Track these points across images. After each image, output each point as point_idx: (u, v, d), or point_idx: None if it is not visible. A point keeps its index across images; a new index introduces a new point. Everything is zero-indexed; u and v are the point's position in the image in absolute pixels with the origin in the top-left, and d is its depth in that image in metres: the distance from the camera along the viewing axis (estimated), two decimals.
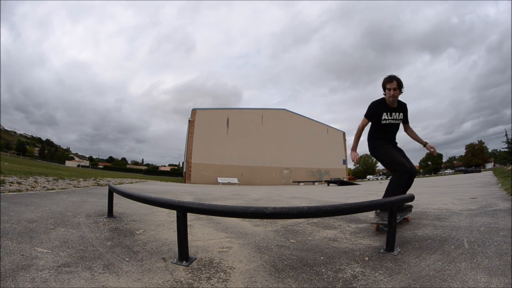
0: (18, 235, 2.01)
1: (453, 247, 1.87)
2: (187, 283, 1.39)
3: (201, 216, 3.22)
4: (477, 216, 2.87)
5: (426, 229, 2.43)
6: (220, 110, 30.25)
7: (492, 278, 1.36)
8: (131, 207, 3.71)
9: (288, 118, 31.81)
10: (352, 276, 1.49)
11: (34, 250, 1.72)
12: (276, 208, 1.59)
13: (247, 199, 6.35)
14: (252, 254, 1.90)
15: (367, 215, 3.33)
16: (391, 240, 1.85)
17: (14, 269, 1.42)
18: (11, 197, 3.82)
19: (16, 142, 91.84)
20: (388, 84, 2.69)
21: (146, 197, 1.99)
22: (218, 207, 1.61)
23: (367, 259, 1.75)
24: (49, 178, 7.95)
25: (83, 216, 2.95)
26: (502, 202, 3.71)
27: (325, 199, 6.40)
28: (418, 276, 1.44)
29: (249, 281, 1.45)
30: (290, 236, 2.39)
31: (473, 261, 1.59)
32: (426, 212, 3.33)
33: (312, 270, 1.59)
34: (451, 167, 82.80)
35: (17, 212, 2.82)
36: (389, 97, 2.69)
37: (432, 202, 4.32)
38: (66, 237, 2.08)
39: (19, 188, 4.89)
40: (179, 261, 1.66)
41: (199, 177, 26.04)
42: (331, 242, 2.20)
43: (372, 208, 1.99)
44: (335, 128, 35.79)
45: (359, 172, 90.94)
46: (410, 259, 1.69)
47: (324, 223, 2.95)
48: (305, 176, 30.33)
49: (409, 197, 2.12)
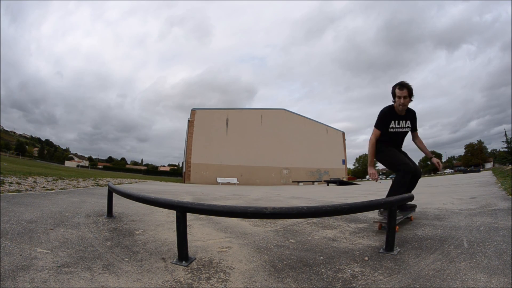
0: (18, 236, 2.00)
1: (452, 246, 1.87)
2: (186, 283, 1.39)
3: (201, 216, 3.22)
4: (476, 215, 2.88)
5: (425, 229, 2.43)
6: (219, 110, 30.25)
7: (491, 278, 1.36)
8: (130, 207, 3.71)
9: (288, 118, 31.81)
10: (351, 276, 1.49)
11: (34, 251, 1.72)
12: (276, 208, 1.59)
13: (247, 199, 6.35)
14: (252, 254, 1.90)
15: (366, 215, 3.34)
16: (391, 240, 1.85)
17: (13, 270, 1.42)
18: (11, 198, 3.82)
19: (15, 142, 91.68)
20: (399, 91, 2.60)
21: (146, 197, 1.99)
22: (217, 207, 1.61)
23: (366, 259, 1.75)
24: (48, 178, 7.94)
25: (83, 216, 2.94)
26: (501, 201, 3.72)
27: (324, 199, 6.41)
28: (418, 275, 1.44)
29: (248, 281, 1.45)
30: (289, 236, 2.40)
31: (473, 261, 1.59)
32: (426, 212, 3.34)
33: (311, 270, 1.59)
34: (451, 167, 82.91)
35: (16, 213, 2.81)
36: (399, 105, 2.63)
37: (431, 202, 4.32)
38: (66, 237, 2.08)
39: (18, 189, 4.88)
40: (179, 261, 1.66)
41: (198, 177, 26.03)
42: (331, 242, 2.20)
43: (371, 208, 1.99)
44: (335, 128, 35.84)
45: (358, 172, 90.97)
46: (409, 259, 1.69)
47: (323, 223, 2.95)
48: (304, 176, 30.35)
49: (409, 197, 2.12)
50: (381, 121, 2.74)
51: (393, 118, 2.71)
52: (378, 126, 2.75)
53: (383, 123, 2.73)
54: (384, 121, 2.73)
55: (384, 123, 2.73)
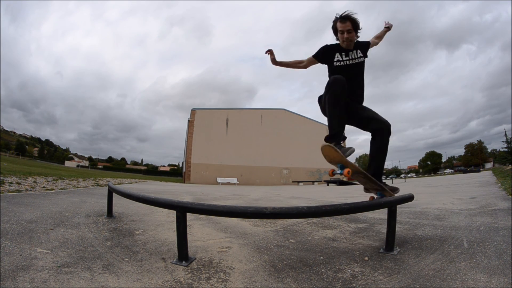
0: (18, 236, 2.00)
1: (452, 246, 1.87)
2: (186, 283, 1.39)
3: (201, 216, 3.22)
4: (476, 215, 2.88)
5: (425, 229, 2.43)
6: (219, 110, 30.26)
7: (491, 278, 1.36)
8: (130, 207, 3.71)
9: (287, 118, 31.83)
10: (351, 276, 1.49)
11: (34, 251, 1.72)
12: (276, 208, 1.60)
13: (247, 199, 6.35)
14: (252, 254, 1.90)
15: (366, 215, 3.34)
16: (391, 240, 1.85)
17: (13, 270, 1.42)
18: (11, 198, 3.82)
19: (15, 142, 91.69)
20: (341, 25, 2.16)
21: (146, 197, 1.99)
22: (217, 207, 1.61)
23: (366, 259, 1.75)
24: (48, 178, 7.94)
25: (83, 216, 2.94)
26: (501, 201, 3.72)
27: (324, 199, 6.41)
28: (418, 275, 1.44)
29: (248, 281, 1.45)
30: (289, 236, 2.40)
31: (473, 261, 1.59)
32: (426, 212, 3.34)
33: (311, 270, 1.59)
34: (451, 167, 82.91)
35: (16, 213, 2.81)
36: (343, 41, 2.21)
37: (431, 202, 4.32)
38: (66, 237, 2.08)
39: (18, 189, 4.88)
40: (179, 261, 1.65)
41: (198, 177, 26.04)
42: (331, 242, 2.20)
43: (371, 208, 2.00)
44: None
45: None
46: (409, 259, 1.69)
47: (323, 223, 2.95)
48: (304, 176, 30.35)
49: (409, 197, 2.12)
50: (318, 50, 2.30)
51: (338, 51, 2.26)
52: (314, 54, 2.32)
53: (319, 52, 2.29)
54: (320, 51, 2.28)
55: (321, 53, 2.29)
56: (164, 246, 2.01)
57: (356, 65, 2.27)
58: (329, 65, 2.30)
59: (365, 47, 2.33)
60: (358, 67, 2.29)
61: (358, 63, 2.27)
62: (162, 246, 1.99)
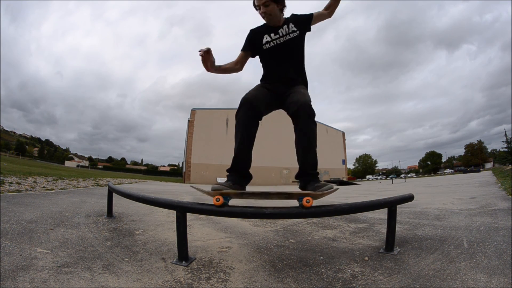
0: (18, 236, 2.00)
1: (452, 246, 1.87)
2: (186, 283, 1.39)
3: (201, 216, 3.22)
4: (476, 215, 2.88)
5: (425, 229, 2.43)
6: (219, 110, 30.25)
7: (491, 278, 1.36)
8: (130, 207, 3.71)
9: (288, 117, 31.77)
10: (351, 276, 1.49)
11: (34, 251, 1.72)
12: (276, 208, 1.60)
13: (246, 199, 6.35)
14: (252, 254, 1.90)
15: (366, 215, 3.34)
16: (391, 240, 1.85)
17: (13, 270, 1.42)
18: (11, 198, 3.82)
19: (15, 142, 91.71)
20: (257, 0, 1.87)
21: (146, 197, 1.99)
22: (217, 207, 1.61)
23: (366, 259, 1.75)
24: (48, 178, 7.94)
25: (83, 216, 2.94)
26: (501, 201, 3.72)
27: (324, 199, 6.41)
28: (418, 275, 1.44)
29: (248, 281, 1.45)
30: (289, 236, 2.40)
31: (473, 261, 1.59)
32: (426, 212, 3.34)
33: (311, 270, 1.59)
34: (451, 167, 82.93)
35: (16, 213, 2.81)
36: (263, 17, 1.91)
37: (431, 202, 4.32)
38: (66, 237, 2.08)
39: (18, 189, 4.88)
40: (179, 261, 1.65)
41: (198, 177, 26.05)
42: (331, 242, 2.20)
43: (371, 208, 1.99)
44: (335, 128, 35.84)
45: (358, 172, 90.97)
46: (409, 259, 1.69)
47: (323, 223, 2.95)
48: None
49: (409, 197, 2.12)
50: (245, 41, 2.02)
51: (266, 31, 1.95)
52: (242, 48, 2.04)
53: (247, 40, 2.01)
54: (249, 38, 2.00)
55: (248, 42, 2.01)
56: (164, 246, 2.01)
57: (288, 42, 1.91)
58: (258, 51, 1.99)
59: (303, 20, 1.96)
60: (292, 44, 1.92)
61: (290, 39, 1.91)
62: (162, 246, 1.99)
